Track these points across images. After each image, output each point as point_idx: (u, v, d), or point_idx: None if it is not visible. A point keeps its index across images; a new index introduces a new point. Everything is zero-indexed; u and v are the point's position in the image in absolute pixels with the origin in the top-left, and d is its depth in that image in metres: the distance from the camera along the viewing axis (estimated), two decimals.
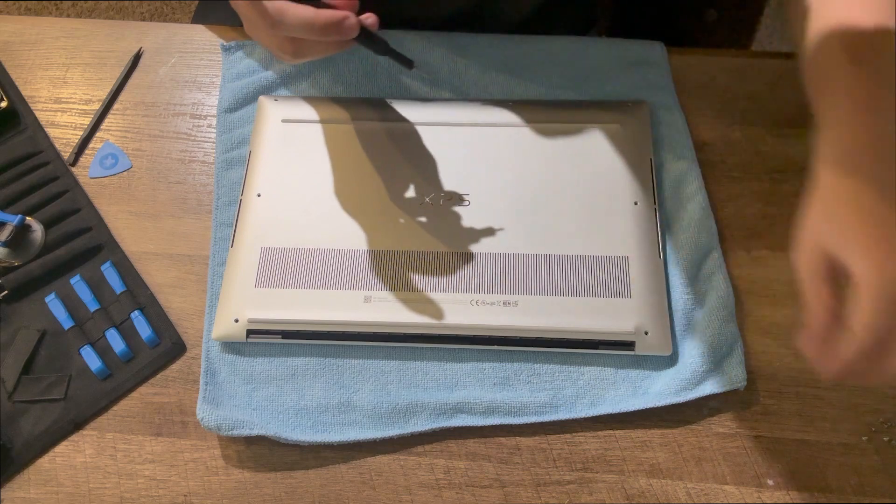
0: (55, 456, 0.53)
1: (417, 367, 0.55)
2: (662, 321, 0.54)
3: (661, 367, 0.54)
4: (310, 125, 0.64)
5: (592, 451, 0.52)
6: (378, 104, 0.65)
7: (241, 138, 0.65)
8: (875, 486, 0.50)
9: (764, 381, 0.54)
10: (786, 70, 0.68)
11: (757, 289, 0.58)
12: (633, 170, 0.60)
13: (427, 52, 0.69)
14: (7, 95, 0.68)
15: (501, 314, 0.54)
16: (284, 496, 0.51)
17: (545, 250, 0.57)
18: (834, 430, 0.52)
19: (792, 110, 0.66)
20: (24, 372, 0.55)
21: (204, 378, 0.54)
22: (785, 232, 0.60)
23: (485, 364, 0.55)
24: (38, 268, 0.59)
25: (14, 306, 0.58)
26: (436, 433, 0.53)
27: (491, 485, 0.51)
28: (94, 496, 0.52)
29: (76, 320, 0.57)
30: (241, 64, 0.69)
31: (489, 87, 0.67)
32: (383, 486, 0.52)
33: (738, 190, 0.62)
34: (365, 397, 0.54)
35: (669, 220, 0.59)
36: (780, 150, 0.64)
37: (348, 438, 0.52)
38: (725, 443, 0.52)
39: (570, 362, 0.54)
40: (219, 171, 0.64)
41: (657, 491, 0.51)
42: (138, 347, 0.57)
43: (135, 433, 0.54)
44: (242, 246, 0.58)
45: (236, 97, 0.67)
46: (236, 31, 0.73)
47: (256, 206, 0.60)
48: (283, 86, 0.68)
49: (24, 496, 0.52)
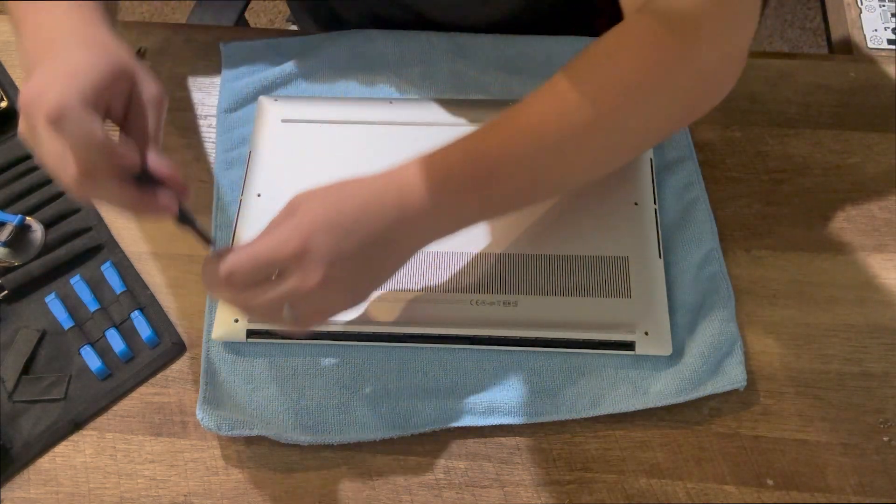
0: (55, 456, 0.53)
1: (417, 367, 0.55)
2: (662, 321, 0.54)
3: (661, 367, 0.54)
4: (310, 125, 0.64)
5: (592, 451, 0.52)
6: (378, 104, 0.65)
7: (241, 138, 0.65)
8: (875, 486, 0.50)
9: (764, 381, 0.54)
10: (786, 70, 0.68)
11: (757, 289, 0.58)
12: (633, 170, 0.60)
13: (427, 52, 0.69)
14: (7, 95, 0.68)
15: (501, 314, 0.54)
16: (284, 496, 0.51)
17: (545, 250, 0.57)
18: (834, 430, 0.52)
19: (792, 110, 0.66)
20: (24, 372, 0.55)
21: (204, 378, 0.54)
22: (785, 232, 0.60)
23: (485, 364, 0.55)
24: (38, 268, 0.59)
25: (14, 306, 0.58)
26: (436, 433, 0.53)
27: (491, 485, 0.51)
28: (94, 496, 0.52)
29: (76, 320, 0.57)
30: (241, 64, 0.69)
31: (489, 87, 0.67)
32: (383, 486, 0.52)
33: (738, 190, 0.62)
34: (365, 397, 0.54)
35: (669, 220, 0.59)
36: (780, 150, 0.64)
37: (348, 438, 0.52)
38: (725, 443, 0.52)
39: (569, 362, 0.54)
40: (219, 171, 0.64)
41: (657, 491, 0.51)
42: (138, 347, 0.57)
43: (135, 433, 0.54)
44: None
45: (236, 97, 0.67)
46: (236, 31, 0.73)
47: (256, 206, 0.60)
48: (283, 86, 0.68)
49: (24, 496, 0.52)
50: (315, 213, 0.46)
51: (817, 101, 0.67)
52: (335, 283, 0.46)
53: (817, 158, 0.64)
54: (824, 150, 0.64)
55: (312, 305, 0.48)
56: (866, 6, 0.76)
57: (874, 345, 0.55)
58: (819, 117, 0.66)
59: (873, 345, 0.55)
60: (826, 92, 0.67)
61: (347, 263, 0.46)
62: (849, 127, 0.65)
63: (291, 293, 0.46)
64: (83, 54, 0.44)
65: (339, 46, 0.70)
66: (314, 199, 0.47)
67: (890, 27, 0.74)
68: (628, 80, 0.48)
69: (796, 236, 0.60)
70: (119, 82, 0.44)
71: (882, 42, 0.73)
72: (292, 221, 0.46)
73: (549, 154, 0.49)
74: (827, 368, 0.55)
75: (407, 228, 0.48)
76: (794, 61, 0.69)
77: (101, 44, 0.46)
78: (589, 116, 0.48)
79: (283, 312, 0.47)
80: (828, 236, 0.60)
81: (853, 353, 0.55)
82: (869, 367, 0.54)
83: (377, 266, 0.49)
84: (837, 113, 0.66)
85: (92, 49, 0.45)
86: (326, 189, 0.48)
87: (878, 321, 0.56)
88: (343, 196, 0.48)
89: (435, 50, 0.69)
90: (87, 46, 0.45)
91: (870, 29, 0.74)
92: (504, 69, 0.68)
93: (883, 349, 0.55)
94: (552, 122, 0.49)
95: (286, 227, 0.46)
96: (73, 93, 0.41)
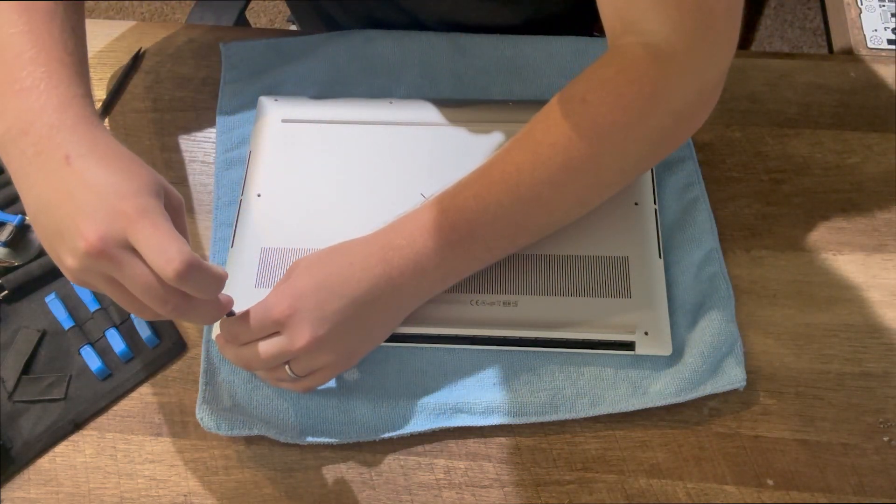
0: (55, 456, 0.53)
1: (417, 367, 0.55)
2: (662, 321, 0.54)
3: (661, 367, 0.54)
4: (310, 125, 0.64)
5: (592, 451, 0.52)
6: (378, 104, 0.65)
7: (241, 138, 0.65)
8: (875, 486, 0.50)
9: (764, 381, 0.54)
10: (786, 70, 0.68)
11: (757, 289, 0.58)
12: None
13: (427, 52, 0.69)
14: None
15: (501, 314, 0.54)
16: (284, 496, 0.51)
17: (545, 250, 0.57)
18: (834, 430, 0.52)
19: (792, 110, 0.66)
20: (24, 372, 0.56)
21: (204, 378, 0.54)
22: (785, 232, 0.60)
23: (485, 364, 0.55)
24: (38, 268, 0.59)
25: (14, 306, 0.58)
26: (436, 433, 0.53)
27: (491, 485, 0.51)
28: (94, 496, 0.52)
29: (76, 320, 0.57)
30: (241, 64, 0.69)
31: (489, 88, 0.67)
32: (383, 486, 0.52)
33: (738, 190, 0.62)
34: (364, 397, 0.54)
35: (669, 220, 0.59)
36: (780, 150, 0.64)
37: (348, 438, 0.52)
38: (725, 443, 0.52)
39: (569, 362, 0.54)
40: (219, 171, 0.64)
41: (657, 491, 0.51)
42: (138, 347, 0.57)
43: (135, 433, 0.54)
44: (242, 246, 0.58)
45: (236, 97, 0.67)
46: (236, 31, 0.73)
47: (256, 207, 0.60)
48: (283, 86, 0.68)
49: (24, 496, 0.52)
50: (306, 276, 0.49)
51: (817, 101, 0.67)
52: (324, 344, 0.48)
53: (817, 158, 0.64)
54: (824, 150, 0.64)
55: (306, 366, 0.49)
56: (866, 6, 0.76)
57: (874, 345, 0.55)
58: (819, 117, 0.66)
59: (873, 345, 0.55)
60: (826, 92, 0.67)
61: (334, 324, 0.48)
62: (849, 127, 0.65)
63: (283, 351, 0.48)
64: (129, 182, 0.42)
65: (339, 46, 0.70)
66: (308, 262, 0.50)
67: (890, 27, 0.74)
68: (601, 123, 0.48)
69: (796, 236, 0.60)
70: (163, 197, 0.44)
71: (882, 42, 0.73)
72: (286, 284, 0.49)
73: (526, 202, 0.50)
74: (827, 368, 0.55)
75: (392, 287, 0.50)
76: (794, 61, 0.69)
77: (128, 160, 0.44)
78: (563, 161, 0.49)
79: (286, 373, 0.49)
80: (828, 236, 0.60)
81: (853, 353, 0.55)
82: (869, 367, 0.54)
83: (367, 326, 0.50)
84: (837, 113, 0.66)
85: (129, 172, 0.43)
86: (320, 252, 0.51)
87: (878, 321, 0.56)
88: (333, 258, 0.50)
89: (435, 50, 0.69)
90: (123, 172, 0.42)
91: (870, 29, 0.74)
92: (504, 69, 0.68)
93: (883, 349, 0.55)
94: (527, 171, 0.50)
95: (279, 290, 0.49)
96: (186, 245, 0.40)
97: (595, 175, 0.51)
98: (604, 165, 0.50)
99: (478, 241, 0.51)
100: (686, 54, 0.47)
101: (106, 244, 0.40)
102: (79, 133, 0.43)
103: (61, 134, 0.43)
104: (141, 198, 0.41)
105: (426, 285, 0.51)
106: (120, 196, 0.41)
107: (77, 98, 0.45)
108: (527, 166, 0.50)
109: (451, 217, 0.50)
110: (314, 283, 0.49)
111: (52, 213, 0.42)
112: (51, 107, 0.44)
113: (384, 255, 0.50)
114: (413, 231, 0.50)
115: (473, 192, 0.51)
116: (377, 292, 0.49)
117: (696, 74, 0.48)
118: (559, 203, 0.51)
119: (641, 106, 0.48)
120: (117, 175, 0.42)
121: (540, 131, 0.50)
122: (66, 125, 0.43)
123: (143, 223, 0.40)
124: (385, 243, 0.50)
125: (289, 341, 0.48)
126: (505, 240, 0.52)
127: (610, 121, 0.48)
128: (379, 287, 0.49)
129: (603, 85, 0.49)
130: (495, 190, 0.50)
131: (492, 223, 0.50)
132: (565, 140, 0.49)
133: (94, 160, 0.42)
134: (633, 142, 0.49)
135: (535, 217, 0.51)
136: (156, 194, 0.42)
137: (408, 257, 0.50)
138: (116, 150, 0.44)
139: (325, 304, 0.48)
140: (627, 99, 0.48)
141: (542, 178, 0.49)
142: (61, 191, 0.42)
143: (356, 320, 0.49)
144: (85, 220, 0.40)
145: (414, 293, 0.51)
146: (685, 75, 0.48)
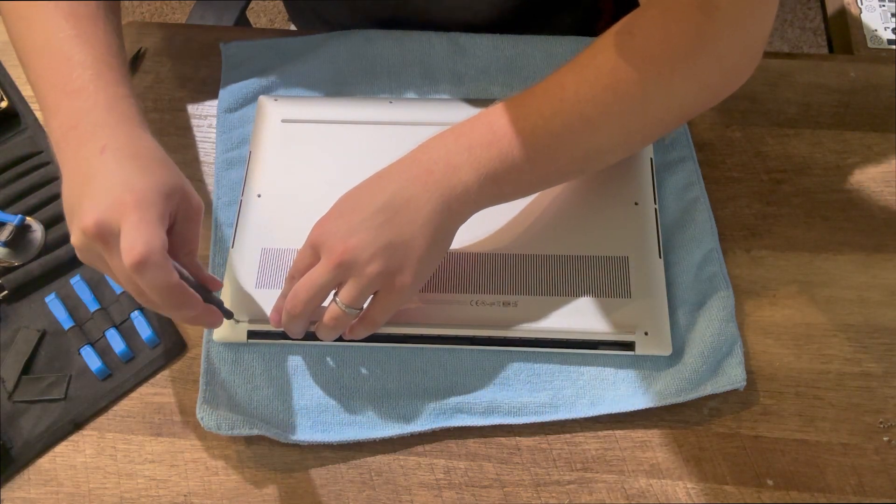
0: (55, 456, 0.53)
1: (417, 366, 0.55)
2: (662, 321, 0.54)
3: (661, 367, 0.54)
4: (310, 125, 0.64)
5: (592, 451, 0.52)
6: (378, 104, 0.65)
7: (241, 138, 0.65)
8: (875, 486, 0.50)
9: (764, 381, 0.54)
10: (786, 70, 0.68)
11: (757, 289, 0.58)
12: (633, 170, 0.60)
13: (427, 52, 0.69)
14: (7, 95, 0.68)
15: (501, 314, 0.55)
16: (284, 496, 0.51)
17: (545, 250, 0.57)
18: (834, 430, 0.52)
19: (792, 110, 0.66)
20: (24, 372, 0.56)
21: (204, 378, 0.54)
22: (785, 232, 0.60)
23: (485, 364, 0.55)
24: (38, 268, 0.59)
25: (14, 306, 0.58)
26: (436, 433, 0.53)
27: (491, 485, 0.51)
28: (94, 496, 0.52)
29: (76, 320, 0.57)
30: (242, 64, 0.69)
31: (489, 87, 0.67)
32: (383, 486, 0.52)
33: (738, 190, 0.62)
34: (365, 397, 0.54)
35: (669, 220, 0.59)
36: (780, 150, 0.64)
37: (348, 438, 0.52)
38: (725, 443, 0.52)
39: (569, 362, 0.54)
40: (219, 171, 0.64)
41: (657, 491, 0.51)
42: (138, 347, 0.57)
43: (135, 433, 0.54)
44: (243, 247, 0.58)
45: (236, 97, 0.67)
46: (236, 31, 0.73)
47: (256, 207, 0.60)
48: (283, 86, 0.68)
49: (24, 496, 0.52)
50: (335, 204, 0.51)
51: (817, 101, 0.67)
52: (359, 251, 0.48)
53: (817, 158, 0.64)
54: (824, 150, 0.64)
55: (354, 288, 0.49)
56: (866, 6, 0.76)
57: (874, 345, 0.55)
58: (819, 117, 0.66)
59: (873, 345, 0.55)
60: (826, 92, 0.67)
61: (366, 229, 0.48)
62: (849, 127, 0.65)
63: (321, 274, 0.48)
64: (144, 179, 0.45)
65: (339, 46, 0.70)
66: (339, 198, 0.51)
67: (890, 27, 0.74)
68: (649, 53, 0.48)
69: (796, 236, 0.60)
70: (177, 201, 0.46)
71: (882, 42, 0.73)
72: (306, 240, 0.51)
73: (568, 116, 0.49)
74: (827, 368, 0.55)
75: (422, 187, 0.49)
76: (794, 61, 0.69)
77: (156, 161, 0.47)
78: (609, 83, 0.49)
79: (339, 309, 0.49)
80: (828, 236, 0.60)
81: (853, 353, 0.55)
82: (869, 367, 0.54)
83: (402, 228, 0.49)
84: (837, 113, 0.66)
85: (150, 170, 0.46)
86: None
87: (878, 321, 0.56)
88: (360, 184, 0.51)
89: (435, 50, 0.69)
90: (144, 169, 0.46)
91: (870, 29, 0.74)
92: (504, 69, 0.68)
93: (883, 349, 0.55)
94: (571, 89, 0.49)
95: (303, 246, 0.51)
96: (158, 242, 0.43)
97: (641, 103, 0.49)
98: (650, 95, 0.49)
99: (514, 148, 0.49)
100: (731, 6, 0.47)
101: (100, 229, 0.43)
102: (119, 131, 0.47)
103: (104, 130, 0.47)
104: (146, 193, 0.44)
105: (460, 188, 0.49)
106: (127, 189, 0.44)
107: (122, 99, 0.49)
108: (571, 84, 0.49)
109: (486, 117, 0.50)
110: (341, 205, 0.50)
111: (72, 191, 0.46)
112: (99, 107, 0.48)
113: (413, 157, 0.50)
114: (445, 133, 0.51)
115: (512, 101, 0.50)
116: (406, 193, 0.49)
117: (741, 28, 0.48)
118: (603, 127, 0.50)
119: (687, 45, 0.48)
120: (136, 170, 0.45)
121: (586, 56, 0.50)
122: (110, 123, 0.47)
123: (132, 214, 0.43)
124: (415, 156, 0.51)
125: (325, 259, 0.48)
126: (544, 154, 0.50)
127: (657, 52, 0.48)
128: (407, 189, 0.49)
129: (651, 21, 0.49)
130: (537, 102, 0.50)
131: (531, 133, 0.49)
132: (612, 64, 0.48)
133: (124, 154, 0.46)
134: (679, 78, 0.49)
135: (577, 137, 0.50)
136: (164, 194, 0.45)
137: (438, 157, 0.50)
138: (149, 149, 0.48)
139: (353, 214, 0.49)
140: (675, 36, 0.48)
141: (587, 96, 0.49)
142: (86, 174, 0.45)
143: (388, 224, 0.48)
144: (89, 203, 0.44)
145: (448, 192, 0.49)
146: (730, 26, 0.48)
